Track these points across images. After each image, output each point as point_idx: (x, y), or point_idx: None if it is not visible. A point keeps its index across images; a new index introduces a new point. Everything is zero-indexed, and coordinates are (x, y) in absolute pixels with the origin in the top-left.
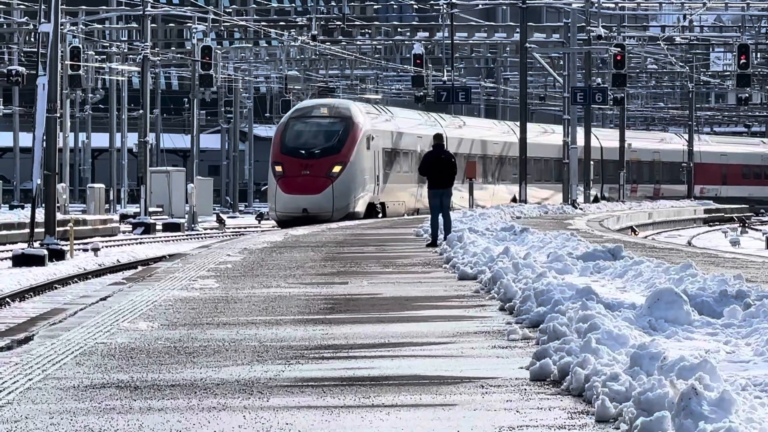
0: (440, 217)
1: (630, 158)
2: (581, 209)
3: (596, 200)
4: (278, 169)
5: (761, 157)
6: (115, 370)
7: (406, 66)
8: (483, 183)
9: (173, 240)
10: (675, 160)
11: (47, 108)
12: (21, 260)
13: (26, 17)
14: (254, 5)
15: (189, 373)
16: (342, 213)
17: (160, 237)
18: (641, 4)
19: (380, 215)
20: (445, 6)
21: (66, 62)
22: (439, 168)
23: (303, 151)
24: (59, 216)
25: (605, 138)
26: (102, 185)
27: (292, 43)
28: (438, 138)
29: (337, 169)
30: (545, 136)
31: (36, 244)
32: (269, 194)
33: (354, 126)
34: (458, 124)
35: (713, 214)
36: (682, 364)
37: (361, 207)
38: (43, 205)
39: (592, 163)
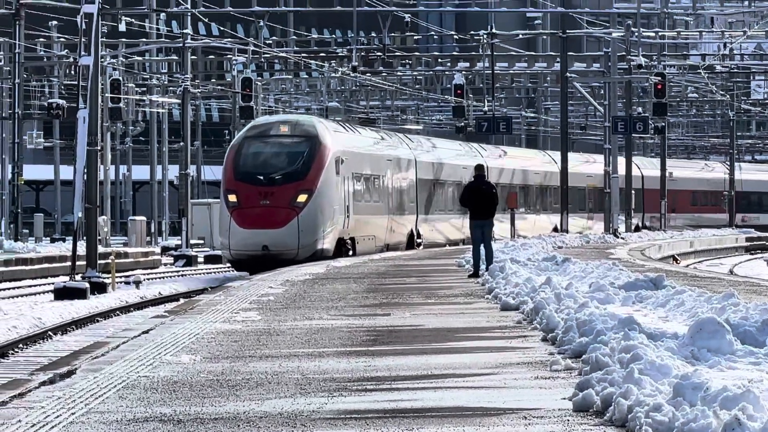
0: (482, 247)
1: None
2: (623, 238)
3: (637, 229)
4: (232, 198)
5: None
6: (157, 403)
7: (446, 96)
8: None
9: (214, 272)
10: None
11: (88, 141)
12: (63, 293)
13: (66, 50)
14: (294, 37)
15: (232, 406)
16: (309, 251)
17: (202, 269)
18: (682, 33)
19: (350, 253)
20: (485, 36)
21: (106, 95)
22: (480, 199)
23: (261, 177)
24: (101, 249)
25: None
26: (143, 218)
27: (333, 74)
28: (479, 169)
29: (302, 198)
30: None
31: (78, 277)
32: (221, 228)
33: (321, 146)
34: (429, 146)
35: (755, 243)
36: (725, 395)
37: (330, 243)
38: (85, 238)
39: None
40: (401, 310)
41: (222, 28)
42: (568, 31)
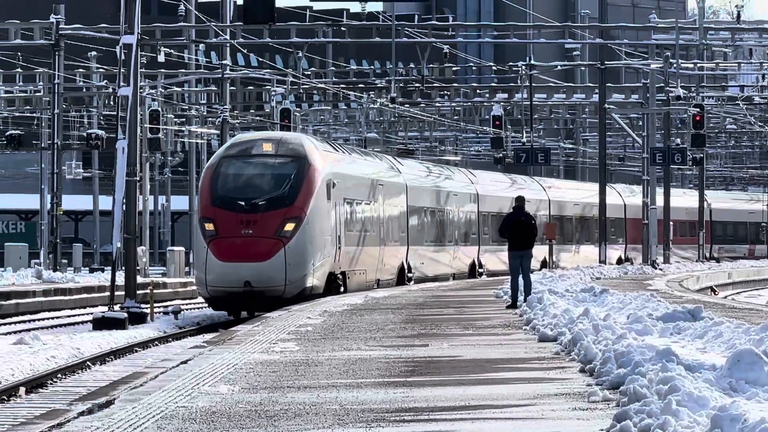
0: (520, 278)
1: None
2: (661, 269)
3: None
4: (209, 227)
5: None
6: None
7: (485, 127)
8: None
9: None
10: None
11: (127, 171)
12: (101, 324)
13: (105, 81)
14: (333, 68)
15: None
16: (297, 287)
17: None
18: (720, 64)
19: (342, 289)
20: (523, 67)
21: (145, 125)
22: (519, 230)
23: (242, 203)
24: (139, 279)
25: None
26: (182, 248)
27: (372, 105)
28: (519, 200)
29: (290, 226)
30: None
31: (116, 308)
32: (196, 261)
33: (310, 168)
34: (420, 171)
35: None
36: (763, 426)
37: (320, 279)
38: (123, 268)
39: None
40: (439, 341)
41: (261, 59)
42: (606, 62)
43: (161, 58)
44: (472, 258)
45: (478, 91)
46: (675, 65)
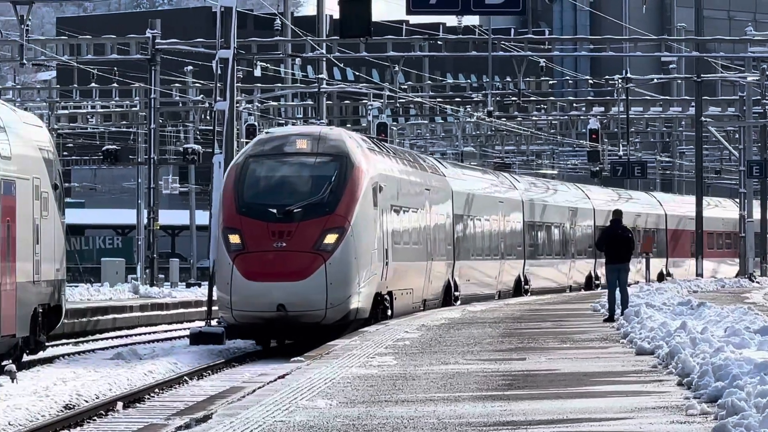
0: (617, 291)
1: None
2: (758, 282)
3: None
4: (234, 239)
5: None
6: None
7: (581, 141)
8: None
9: None
10: None
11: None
12: (198, 338)
13: (202, 95)
14: (429, 81)
15: None
16: (340, 312)
17: None
18: None
19: (389, 312)
20: (620, 81)
21: (242, 140)
22: (616, 243)
23: (274, 210)
24: None
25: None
26: None
27: (468, 119)
28: (617, 214)
29: (331, 238)
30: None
31: (213, 322)
32: (218, 280)
33: (354, 168)
34: (464, 174)
35: None
36: None
37: (365, 301)
38: None
39: None
40: (537, 355)
41: (357, 73)
42: (702, 75)
43: (257, 73)
44: (518, 272)
45: (574, 104)
46: None
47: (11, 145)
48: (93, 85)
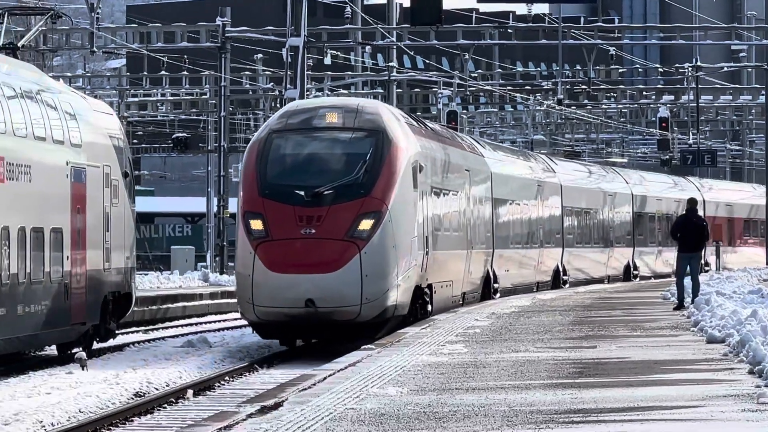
0: (686, 279)
1: None
2: None
3: None
4: (256, 225)
5: None
6: None
7: (651, 129)
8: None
9: None
10: None
11: None
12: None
13: (272, 83)
14: (500, 70)
15: None
16: (377, 308)
17: None
18: None
19: (429, 308)
20: (690, 69)
21: None
22: (689, 231)
23: (302, 192)
24: None
25: None
26: None
27: (538, 107)
28: (692, 202)
29: (367, 224)
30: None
31: None
32: (238, 273)
33: (392, 145)
34: (505, 157)
35: None
36: None
37: (405, 295)
38: None
39: None
40: (607, 343)
41: (427, 61)
42: None
43: (327, 61)
44: (556, 262)
45: (644, 93)
46: None
47: (81, 133)
48: (163, 72)
